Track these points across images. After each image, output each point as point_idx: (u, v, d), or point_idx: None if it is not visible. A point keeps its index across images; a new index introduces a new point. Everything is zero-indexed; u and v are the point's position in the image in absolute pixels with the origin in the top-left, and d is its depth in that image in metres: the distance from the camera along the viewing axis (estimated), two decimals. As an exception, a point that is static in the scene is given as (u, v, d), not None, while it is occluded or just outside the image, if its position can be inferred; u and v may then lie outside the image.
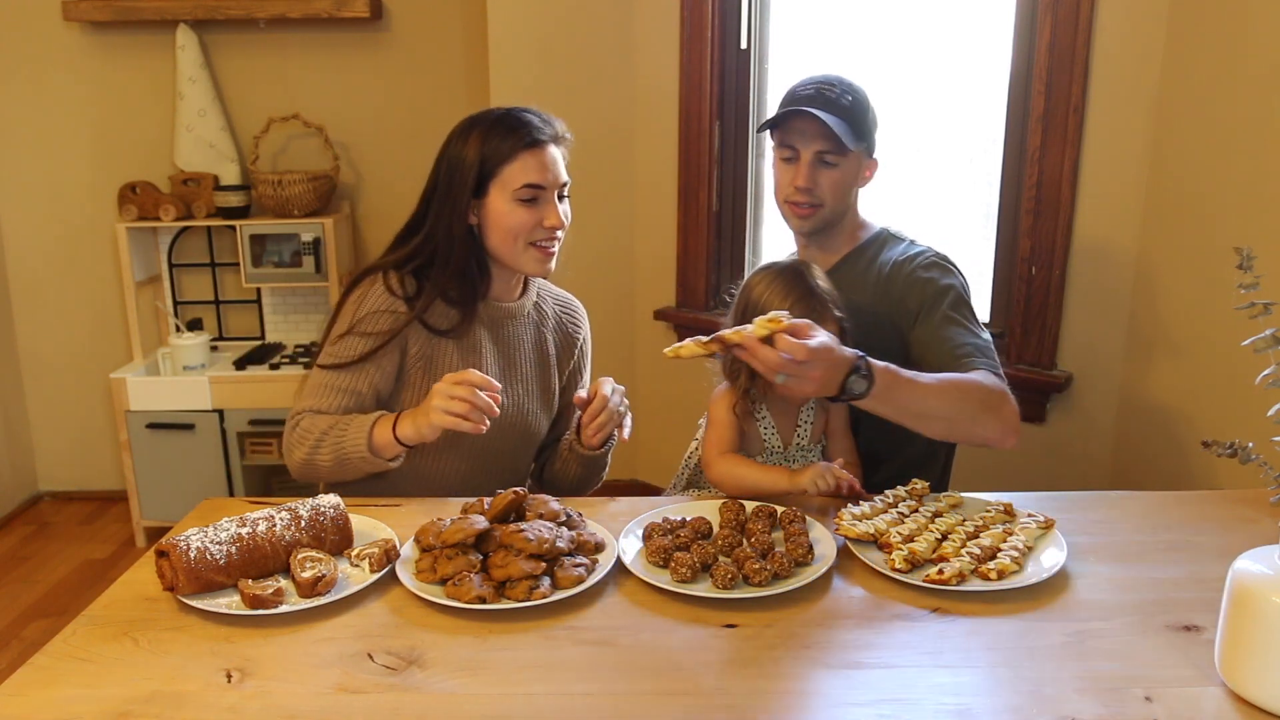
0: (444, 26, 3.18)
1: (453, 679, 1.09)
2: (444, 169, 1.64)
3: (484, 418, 1.46)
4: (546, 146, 1.63)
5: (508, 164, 1.60)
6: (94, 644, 1.17)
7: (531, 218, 1.62)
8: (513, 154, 1.60)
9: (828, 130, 1.68)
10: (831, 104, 1.71)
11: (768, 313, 1.41)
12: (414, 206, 1.69)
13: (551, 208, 1.63)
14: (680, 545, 1.32)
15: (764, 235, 3.04)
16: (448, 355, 1.67)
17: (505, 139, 1.60)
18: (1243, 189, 1.92)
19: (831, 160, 1.71)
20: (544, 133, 1.63)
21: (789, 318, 1.40)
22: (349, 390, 1.62)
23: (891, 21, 2.73)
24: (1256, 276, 1.07)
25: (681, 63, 2.92)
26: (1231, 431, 1.40)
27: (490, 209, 1.63)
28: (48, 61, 3.19)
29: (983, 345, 1.65)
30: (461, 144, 1.63)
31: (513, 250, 1.64)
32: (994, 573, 1.25)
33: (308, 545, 1.32)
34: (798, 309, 1.54)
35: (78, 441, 3.49)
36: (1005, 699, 1.05)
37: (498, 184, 1.61)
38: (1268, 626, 0.98)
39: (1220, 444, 1.09)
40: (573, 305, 1.88)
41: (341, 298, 1.68)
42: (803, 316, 1.49)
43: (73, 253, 3.33)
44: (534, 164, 1.61)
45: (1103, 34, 2.25)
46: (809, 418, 1.68)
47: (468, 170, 1.61)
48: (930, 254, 1.75)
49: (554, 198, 1.64)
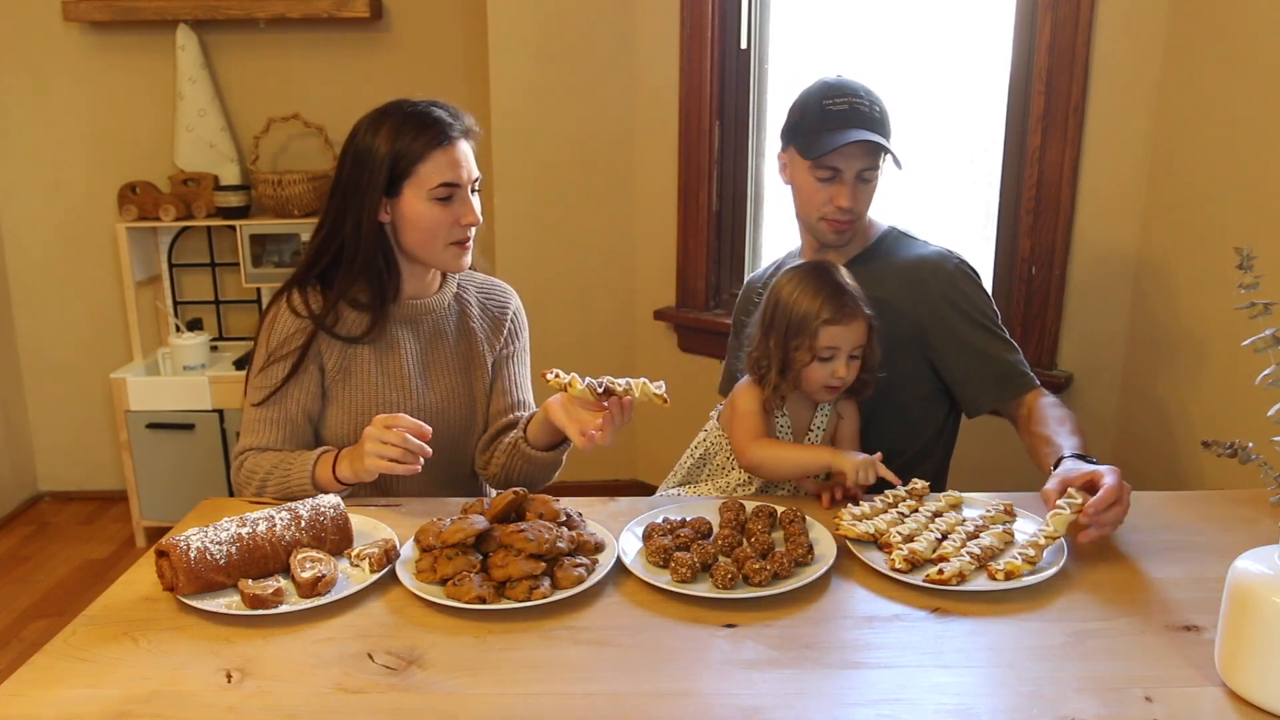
0: (444, 26, 3.18)
1: (453, 679, 1.09)
2: (350, 164, 1.61)
3: (418, 459, 1.46)
4: (458, 143, 1.60)
5: (421, 162, 1.58)
6: (94, 644, 1.17)
7: (449, 216, 1.60)
8: (425, 152, 1.57)
9: (873, 148, 1.70)
10: (869, 119, 1.71)
11: (655, 382, 1.48)
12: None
13: (467, 205, 1.62)
14: (680, 545, 1.32)
15: (764, 235, 3.04)
16: (364, 362, 1.66)
17: (418, 136, 1.58)
18: (1243, 189, 1.92)
19: (868, 176, 1.74)
20: (455, 129, 1.60)
21: (663, 388, 1.47)
22: (280, 420, 1.62)
23: (891, 21, 2.73)
24: (1256, 276, 1.07)
25: (681, 63, 2.92)
26: (1231, 431, 1.40)
27: (405, 208, 1.60)
28: (48, 61, 3.19)
29: (1022, 357, 1.76)
30: (371, 138, 1.59)
31: (432, 249, 1.63)
32: (1001, 573, 1.25)
33: (308, 545, 1.32)
34: (826, 307, 1.58)
35: (78, 441, 3.49)
36: (1005, 699, 1.05)
37: (412, 183, 1.59)
38: (1268, 626, 0.98)
39: (1220, 444, 1.09)
40: (497, 287, 1.84)
41: (257, 327, 1.67)
42: (832, 316, 1.57)
43: (73, 253, 3.33)
44: (447, 161, 1.59)
45: (1103, 34, 2.25)
46: (823, 421, 1.69)
47: (378, 167, 1.58)
48: (957, 259, 1.78)
49: (468, 194, 1.63)
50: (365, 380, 1.66)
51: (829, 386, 1.62)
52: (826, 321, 1.58)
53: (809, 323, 1.59)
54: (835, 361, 1.60)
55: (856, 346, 1.61)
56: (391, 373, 1.67)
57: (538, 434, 1.64)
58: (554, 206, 3.06)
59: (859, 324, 1.60)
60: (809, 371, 1.62)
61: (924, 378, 1.79)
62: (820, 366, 1.61)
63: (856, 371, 1.63)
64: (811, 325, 1.59)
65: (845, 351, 1.60)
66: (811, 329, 1.59)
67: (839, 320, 1.58)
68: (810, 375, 1.62)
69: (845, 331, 1.59)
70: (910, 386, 1.78)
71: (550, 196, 3.06)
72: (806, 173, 1.74)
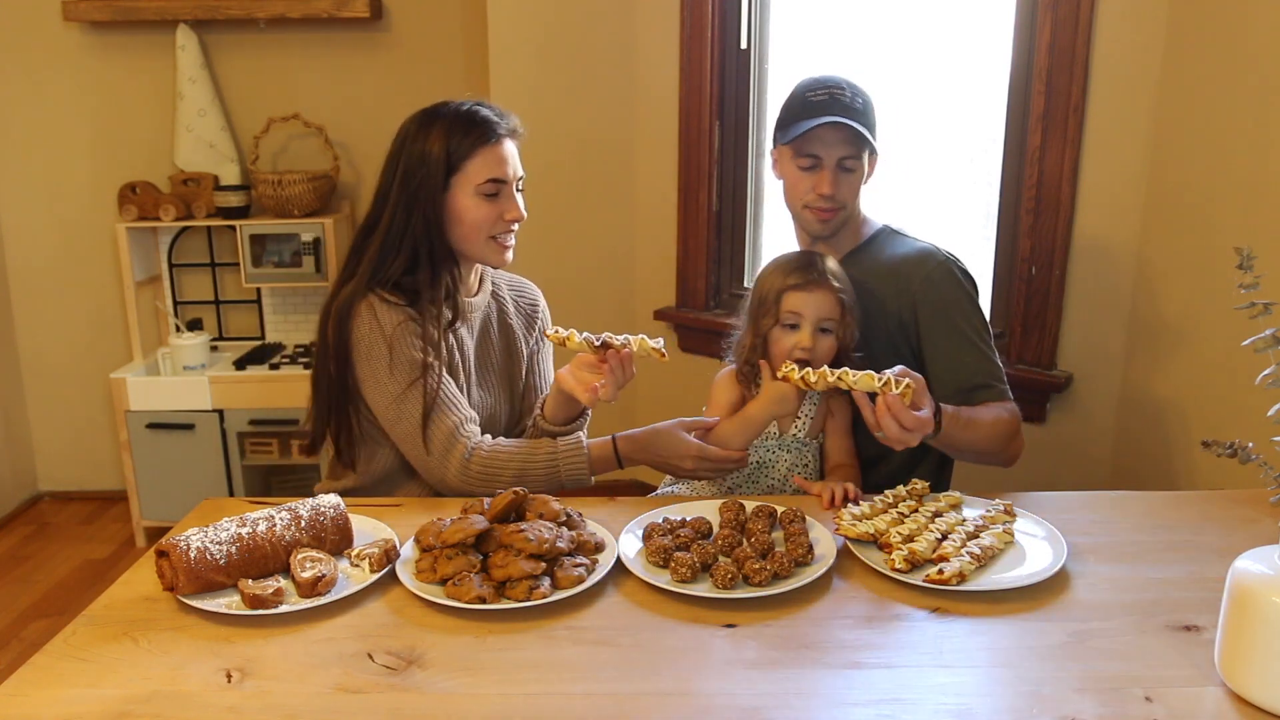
0: (444, 26, 3.18)
1: (453, 679, 1.09)
2: (403, 166, 1.63)
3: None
4: (504, 141, 1.66)
5: (470, 159, 1.62)
6: (94, 644, 1.17)
7: (494, 211, 1.64)
8: (474, 149, 1.62)
9: (850, 136, 1.71)
10: (848, 109, 1.73)
11: (654, 339, 1.53)
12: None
13: (512, 201, 1.66)
14: (680, 545, 1.32)
15: (764, 235, 3.04)
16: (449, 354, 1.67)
17: (467, 134, 1.62)
18: (1243, 189, 1.92)
19: (850, 165, 1.74)
20: (502, 127, 1.65)
21: (661, 343, 1.52)
22: (453, 396, 1.62)
23: (891, 21, 2.73)
24: (1256, 276, 1.07)
25: (681, 63, 2.92)
26: (1231, 431, 1.40)
27: (453, 204, 1.64)
28: (48, 61, 3.19)
29: (998, 369, 1.74)
30: (423, 140, 1.63)
31: (476, 244, 1.66)
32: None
33: (308, 545, 1.32)
34: (792, 276, 1.64)
35: (78, 441, 3.49)
36: (1005, 699, 1.05)
37: (460, 179, 1.63)
38: (1268, 626, 0.98)
39: (1220, 444, 1.09)
40: (526, 284, 1.90)
41: (336, 334, 1.61)
42: (796, 283, 1.63)
43: (73, 253, 3.33)
44: (495, 159, 1.64)
45: (1103, 34, 2.25)
46: (809, 411, 1.70)
47: (435, 165, 1.62)
48: (942, 256, 1.77)
49: (513, 191, 1.67)
50: (438, 373, 1.63)
51: (796, 359, 1.61)
52: (790, 288, 1.63)
53: (773, 291, 1.65)
54: (800, 330, 1.63)
55: (824, 319, 1.63)
56: (453, 371, 1.68)
57: (554, 409, 1.68)
58: (554, 207, 3.05)
59: (824, 294, 1.63)
60: (775, 340, 1.65)
61: (903, 346, 1.77)
62: (785, 334, 1.64)
63: (829, 348, 1.64)
64: (776, 293, 1.65)
65: (810, 320, 1.63)
66: (775, 296, 1.64)
67: (803, 287, 1.63)
68: (776, 344, 1.65)
69: (809, 299, 1.62)
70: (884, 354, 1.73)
71: (550, 197, 3.05)
72: (790, 162, 1.77)
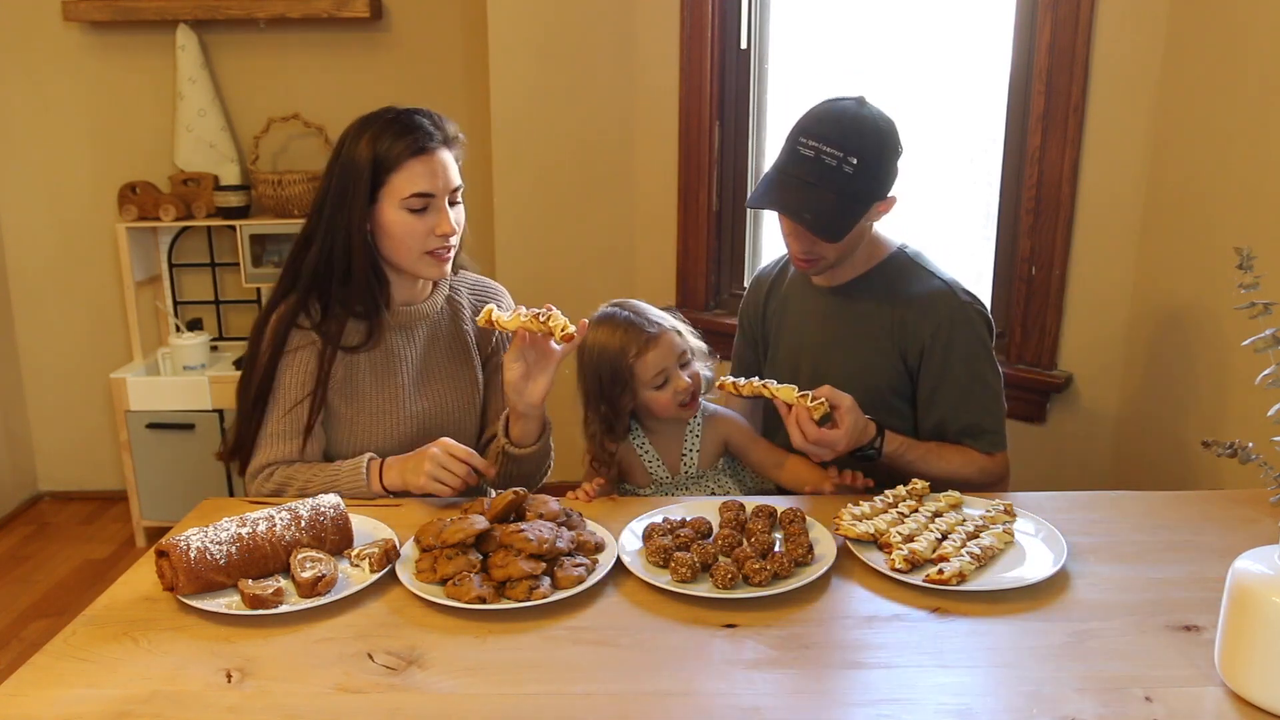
0: (444, 26, 3.18)
1: (453, 679, 1.09)
2: (337, 175, 1.59)
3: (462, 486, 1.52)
4: (436, 152, 1.58)
5: (395, 171, 1.56)
6: (94, 644, 1.17)
7: (423, 226, 1.58)
8: (400, 161, 1.55)
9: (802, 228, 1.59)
10: (826, 177, 1.56)
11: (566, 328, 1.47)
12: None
13: (443, 215, 1.59)
14: (680, 545, 1.32)
15: (764, 235, 3.04)
16: (361, 371, 1.65)
17: (394, 144, 1.55)
18: (1243, 189, 1.92)
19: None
20: (434, 138, 1.58)
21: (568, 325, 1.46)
22: (302, 434, 1.62)
23: (891, 21, 2.72)
24: (1256, 276, 1.07)
25: (681, 63, 2.92)
26: (1231, 431, 1.40)
27: (381, 217, 1.58)
28: (48, 61, 3.19)
29: (993, 419, 1.69)
30: (354, 146, 1.57)
31: (407, 258, 1.61)
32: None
33: (308, 545, 1.32)
34: (631, 341, 1.59)
35: (78, 441, 3.49)
36: (1005, 699, 1.05)
37: (387, 192, 1.57)
38: (1268, 626, 0.98)
39: (1220, 444, 1.09)
40: (490, 287, 1.83)
41: (253, 347, 1.64)
42: (640, 348, 1.58)
43: (73, 253, 3.33)
44: (422, 171, 1.56)
45: (1103, 34, 2.25)
46: (694, 444, 1.68)
47: (361, 176, 1.56)
48: (960, 299, 1.68)
49: (444, 204, 1.60)
50: (361, 389, 1.66)
51: (683, 404, 1.61)
52: (638, 355, 1.58)
53: (623, 363, 1.59)
54: (674, 378, 1.61)
55: (680, 357, 1.61)
56: (385, 381, 1.67)
57: (518, 426, 1.62)
58: (554, 206, 3.05)
59: (667, 337, 1.60)
60: (654, 402, 1.62)
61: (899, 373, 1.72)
62: (661, 392, 1.61)
63: (701, 375, 1.64)
64: (627, 363, 1.59)
65: (674, 366, 1.60)
66: (628, 367, 1.59)
67: (649, 346, 1.59)
68: (658, 404, 1.62)
69: (660, 353, 1.59)
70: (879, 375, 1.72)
71: (550, 196, 3.05)
72: None
